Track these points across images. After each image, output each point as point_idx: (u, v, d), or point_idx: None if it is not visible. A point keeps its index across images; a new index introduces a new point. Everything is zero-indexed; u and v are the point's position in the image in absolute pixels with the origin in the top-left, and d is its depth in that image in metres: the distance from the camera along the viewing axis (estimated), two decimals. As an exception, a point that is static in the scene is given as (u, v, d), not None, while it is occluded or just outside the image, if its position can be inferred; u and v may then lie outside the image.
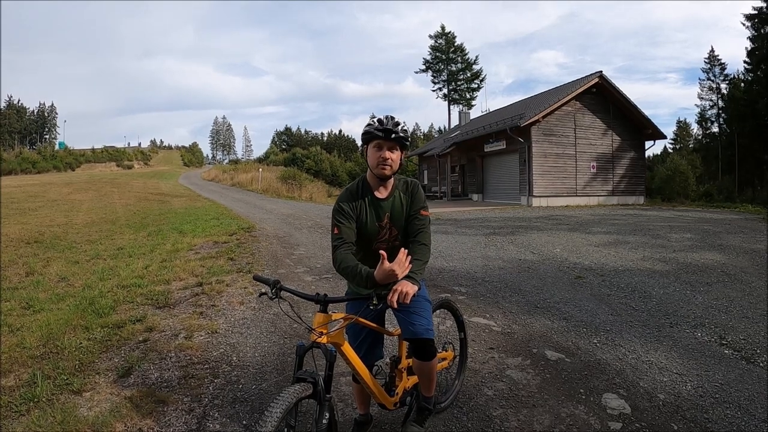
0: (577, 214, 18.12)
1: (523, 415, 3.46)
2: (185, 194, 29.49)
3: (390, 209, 2.78)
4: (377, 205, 2.77)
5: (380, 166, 2.66)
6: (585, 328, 5.37)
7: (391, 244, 2.79)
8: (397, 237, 2.82)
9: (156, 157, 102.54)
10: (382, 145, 2.64)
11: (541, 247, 10.35)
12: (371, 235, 2.78)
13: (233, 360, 4.43)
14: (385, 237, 2.80)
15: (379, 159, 2.65)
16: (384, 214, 2.77)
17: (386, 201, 2.78)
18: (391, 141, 2.63)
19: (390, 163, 2.66)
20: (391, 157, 2.65)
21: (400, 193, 2.82)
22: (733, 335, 5.07)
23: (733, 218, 15.80)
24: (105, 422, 3.25)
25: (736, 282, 7.09)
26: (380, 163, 2.65)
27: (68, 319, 5.41)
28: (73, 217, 16.42)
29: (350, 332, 2.87)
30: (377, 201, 2.77)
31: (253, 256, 9.16)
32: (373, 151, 2.68)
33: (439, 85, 65.58)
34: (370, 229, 2.76)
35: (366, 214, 2.75)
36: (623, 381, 4.04)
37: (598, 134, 26.77)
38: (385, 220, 2.78)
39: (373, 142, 2.67)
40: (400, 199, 2.80)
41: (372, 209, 2.76)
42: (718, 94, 47.82)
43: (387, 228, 2.79)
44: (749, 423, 3.37)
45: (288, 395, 2.15)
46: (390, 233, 2.81)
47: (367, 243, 2.79)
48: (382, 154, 2.64)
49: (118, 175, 54.99)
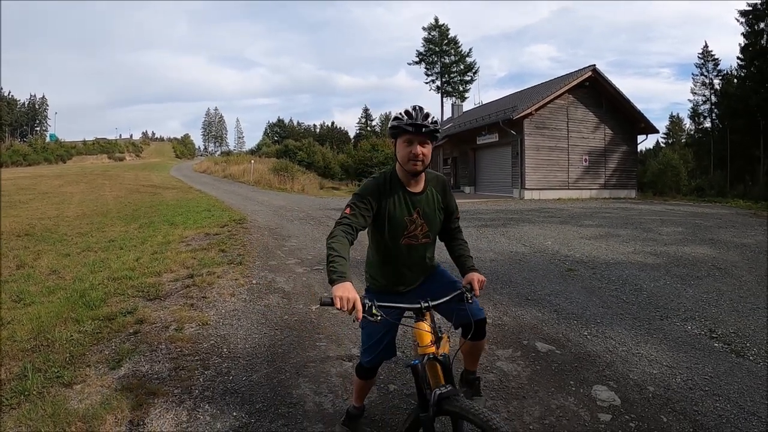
0: (568, 207, 18.16)
1: (513, 407, 3.47)
2: (177, 186, 29.37)
3: (422, 204, 2.68)
4: (410, 199, 2.65)
5: (411, 162, 2.51)
6: (575, 320, 5.39)
7: (420, 241, 2.72)
8: (427, 234, 2.73)
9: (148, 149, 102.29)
10: (412, 140, 2.47)
11: (532, 239, 10.36)
12: (400, 229, 2.66)
13: (224, 351, 4.42)
14: (414, 232, 2.69)
15: (410, 155, 2.49)
16: (414, 209, 2.66)
17: (420, 195, 2.68)
18: (422, 135, 2.46)
19: (422, 158, 2.50)
20: (422, 152, 2.49)
21: (432, 189, 2.74)
22: (723, 328, 5.10)
23: (724, 213, 15.86)
24: (96, 415, 3.24)
25: (726, 276, 7.12)
26: (411, 159, 2.50)
27: (59, 311, 5.38)
28: (64, 210, 16.35)
29: (384, 329, 2.74)
30: (411, 195, 2.65)
31: (245, 248, 9.13)
32: (402, 146, 2.52)
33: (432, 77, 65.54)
34: (399, 222, 2.64)
35: (396, 208, 2.62)
36: (613, 373, 4.06)
37: (591, 128, 26.85)
38: (415, 214, 2.66)
39: (402, 137, 2.50)
40: (433, 195, 2.73)
41: (403, 203, 2.63)
42: (711, 90, 48.16)
43: (418, 224, 2.68)
44: (738, 415, 3.39)
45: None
46: (421, 229, 2.70)
47: (395, 237, 2.67)
48: (413, 149, 2.47)
49: (109, 167, 54.82)
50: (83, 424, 3.16)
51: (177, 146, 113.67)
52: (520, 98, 30.14)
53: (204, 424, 3.23)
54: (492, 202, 21.54)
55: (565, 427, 3.24)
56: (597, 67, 26.04)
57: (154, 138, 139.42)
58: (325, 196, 27.21)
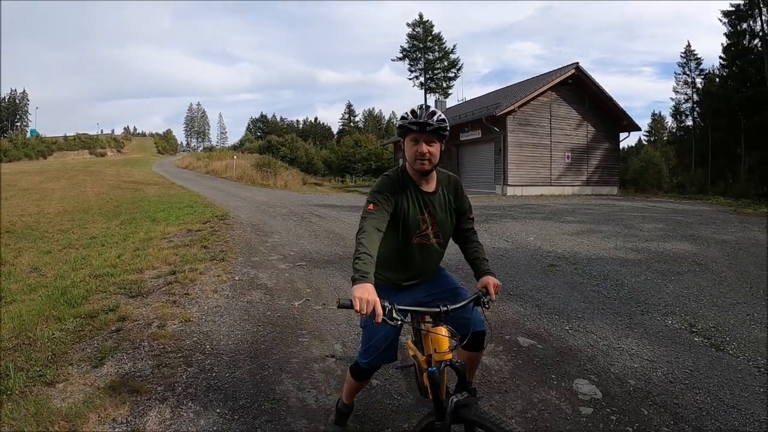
0: (551, 204, 18.26)
1: (495, 401, 3.51)
2: (159, 182, 29.09)
3: (434, 204, 2.66)
4: (423, 198, 2.63)
5: (418, 162, 2.51)
6: (557, 315, 5.44)
7: (431, 240, 2.69)
8: (438, 234, 2.70)
9: (129, 145, 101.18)
10: (418, 139, 2.48)
11: (515, 235, 10.42)
12: (412, 228, 2.62)
13: (207, 348, 4.41)
14: (425, 232, 2.65)
15: (416, 154, 2.50)
16: (426, 209, 2.63)
17: (433, 195, 2.66)
18: (427, 134, 2.47)
19: (428, 157, 2.50)
20: (429, 151, 2.49)
21: (444, 189, 2.72)
22: (703, 323, 5.18)
23: (704, 210, 16.06)
24: (78, 413, 3.22)
25: (706, 271, 7.22)
26: (418, 158, 2.50)
27: (40, 309, 5.31)
28: (45, 207, 16.13)
29: (390, 330, 2.63)
30: (423, 194, 2.64)
31: (227, 244, 9.08)
32: (409, 146, 2.53)
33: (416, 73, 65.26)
34: (411, 221, 2.60)
35: (409, 206, 2.59)
36: (594, 367, 4.11)
37: (574, 125, 27.08)
38: (426, 214, 2.64)
39: (409, 136, 2.52)
40: (444, 196, 2.72)
41: (415, 201, 2.61)
42: (693, 89, 48.69)
43: (429, 224, 2.65)
44: (718, 408, 3.46)
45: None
46: (432, 228, 2.66)
47: (407, 236, 2.63)
48: (419, 149, 2.48)
49: (90, 163, 54.11)
50: (66, 423, 3.13)
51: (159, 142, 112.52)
52: (503, 95, 30.26)
53: (187, 421, 3.21)
54: (475, 199, 21.58)
55: (547, 420, 3.28)
56: (580, 65, 26.26)
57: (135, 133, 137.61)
58: (308, 192, 27.15)
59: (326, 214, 14.24)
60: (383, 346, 2.69)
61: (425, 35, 63.69)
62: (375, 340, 2.69)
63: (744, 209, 16.22)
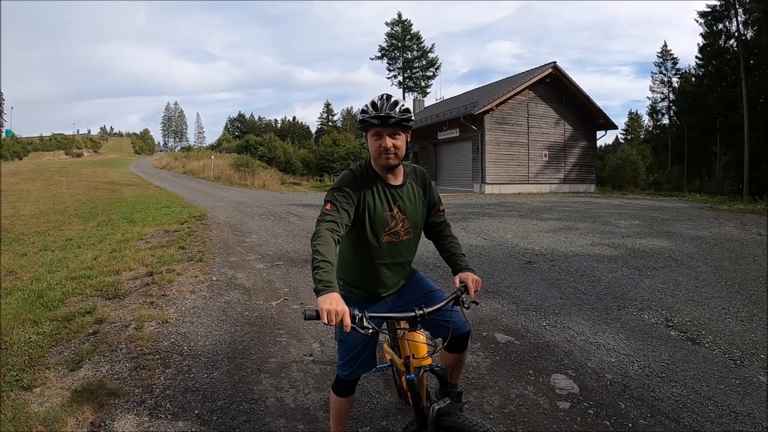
0: (528, 202, 18.39)
1: (473, 397, 3.54)
2: (136, 183, 28.79)
3: (403, 198, 2.49)
4: (390, 192, 2.46)
5: (383, 156, 2.34)
6: (534, 311, 5.49)
7: (401, 238, 2.52)
8: (408, 230, 2.53)
9: (106, 145, 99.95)
10: (381, 133, 2.31)
11: (492, 233, 10.48)
12: (380, 226, 2.45)
13: (184, 349, 4.38)
14: (395, 229, 2.48)
15: (380, 149, 2.33)
16: (395, 204, 2.47)
17: (401, 189, 2.50)
18: (390, 127, 2.30)
19: (393, 151, 2.32)
20: (394, 145, 2.32)
21: (412, 182, 2.57)
22: (679, 317, 5.26)
23: (680, 206, 16.26)
24: (56, 417, 3.19)
25: (682, 267, 7.32)
26: (382, 153, 2.33)
27: (17, 313, 5.23)
28: (20, 208, 15.90)
29: (365, 339, 2.45)
30: (391, 188, 2.47)
31: (205, 245, 9.02)
32: (372, 141, 2.36)
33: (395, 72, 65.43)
34: (379, 218, 2.43)
35: (375, 202, 2.42)
36: (572, 362, 4.15)
37: (551, 123, 27.27)
38: (396, 209, 2.47)
39: (371, 131, 2.34)
40: (412, 189, 2.55)
41: (383, 197, 2.44)
42: (669, 88, 49.60)
43: (399, 219, 2.48)
44: (695, 400, 3.53)
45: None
46: (402, 225, 2.50)
47: (376, 234, 2.45)
48: (383, 143, 2.31)
49: (66, 164, 53.37)
50: (44, 428, 3.10)
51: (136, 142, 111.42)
52: (481, 94, 30.38)
53: (165, 422, 3.20)
54: (452, 197, 21.65)
55: (525, 415, 3.31)
56: (558, 64, 26.41)
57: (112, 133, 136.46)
58: (286, 192, 27.04)
59: (304, 214, 14.19)
60: (362, 356, 2.55)
61: (404, 34, 63.89)
62: (352, 350, 2.53)
63: (719, 206, 16.46)
